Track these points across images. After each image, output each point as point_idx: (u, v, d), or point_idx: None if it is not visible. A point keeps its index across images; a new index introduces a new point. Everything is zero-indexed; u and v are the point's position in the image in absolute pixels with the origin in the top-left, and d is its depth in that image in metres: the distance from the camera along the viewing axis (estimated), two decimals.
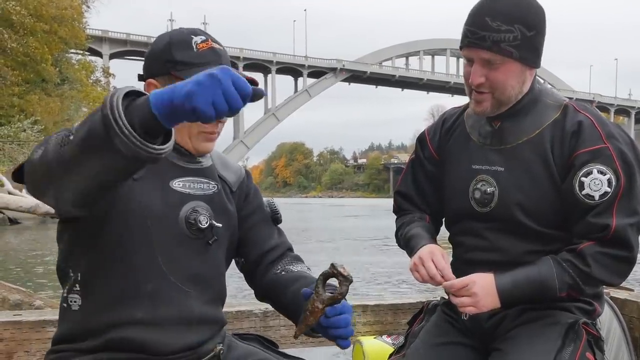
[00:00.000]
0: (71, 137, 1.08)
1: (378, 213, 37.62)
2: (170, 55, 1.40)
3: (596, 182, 1.52)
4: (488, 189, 1.64)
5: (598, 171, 1.52)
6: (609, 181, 1.52)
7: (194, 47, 1.41)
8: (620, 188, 1.52)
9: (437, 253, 1.62)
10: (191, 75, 1.30)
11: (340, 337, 1.34)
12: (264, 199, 1.68)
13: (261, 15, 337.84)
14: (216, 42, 1.45)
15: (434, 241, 1.72)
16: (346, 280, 1.29)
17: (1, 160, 27.12)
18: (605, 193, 1.52)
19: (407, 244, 1.75)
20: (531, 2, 1.57)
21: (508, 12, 1.52)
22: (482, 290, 1.53)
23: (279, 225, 1.68)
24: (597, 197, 1.52)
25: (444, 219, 1.85)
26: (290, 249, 1.66)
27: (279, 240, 1.64)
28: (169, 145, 1.06)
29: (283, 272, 1.58)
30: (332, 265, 1.31)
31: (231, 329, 1.74)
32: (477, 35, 1.54)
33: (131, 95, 1.05)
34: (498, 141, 1.66)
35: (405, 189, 1.87)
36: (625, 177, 1.52)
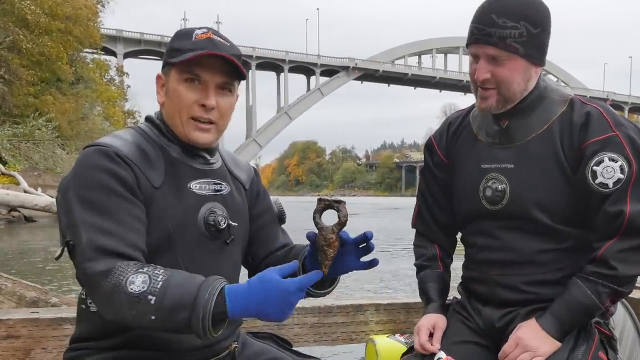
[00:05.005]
0: (152, 302, 1.20)
1: (387, 212, 37.40)
2: (169, 47, 1.45)
3: (608, 169, 1.52)
4: (499, 187, 1.64)
5: (609, 159, 1.52)
6: (621, 168, 1.51)
7: (193, 37, 1.43)
8: (633, 173, 1.51)
9: (423, 328, 1.69)
10: (181, 58, 1.40)
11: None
12: (271, 198, 1.71)
13: (273, 15, 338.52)
14: (221, 36, 1.45)
15: (439, 301, 1.78)
16: (340, 203, 1.34)
17: (17, 159, 27.34)
18: (619, 180, 1.51)
19: (420, 293, 1.83)
20: (536, 0, 1.58)
21: (514, 9, 1.54)
22: (534, 340, 1.54)
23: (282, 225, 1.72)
24: (611, 185, 1.52)
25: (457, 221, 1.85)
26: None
27: (284, 241, 1.68)
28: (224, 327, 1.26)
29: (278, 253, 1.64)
30: (320, 199, 1.35)
31: (245, 327, 1.75)
32: (484, 32, 1.55)
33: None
34: (507, 139, 1.66)
35: (422, 198, 1.89)
36: (637, 163, 1.52)
